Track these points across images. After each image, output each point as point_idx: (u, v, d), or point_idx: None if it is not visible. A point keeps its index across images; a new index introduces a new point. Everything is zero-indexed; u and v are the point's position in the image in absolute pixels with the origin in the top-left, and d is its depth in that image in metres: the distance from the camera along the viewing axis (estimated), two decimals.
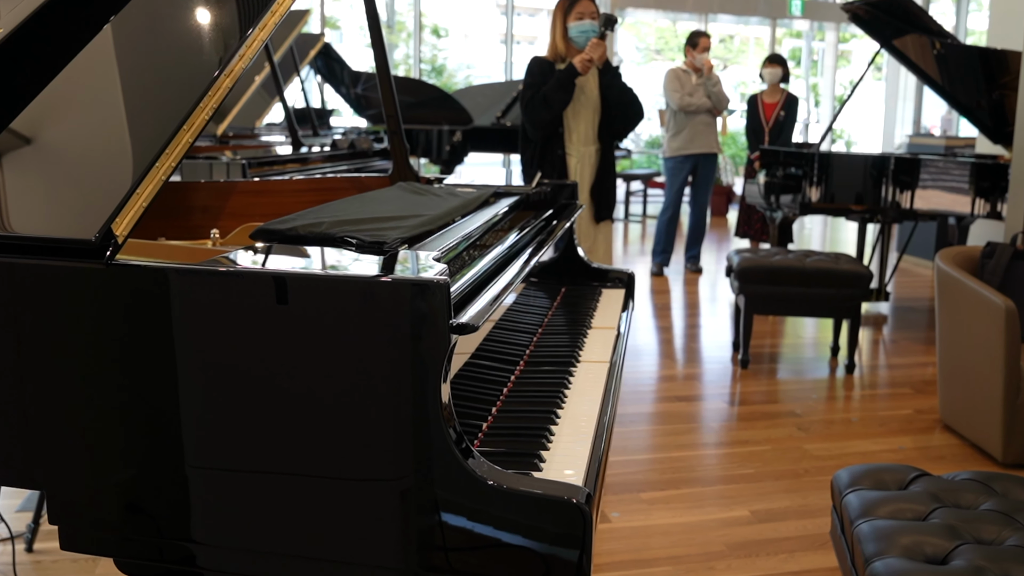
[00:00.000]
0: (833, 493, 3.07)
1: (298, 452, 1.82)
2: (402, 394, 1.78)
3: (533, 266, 2.69)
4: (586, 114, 6.08)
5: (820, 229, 14.52)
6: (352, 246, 2.16)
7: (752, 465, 4.82)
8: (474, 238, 2.60)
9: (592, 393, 2.55)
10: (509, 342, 2.75)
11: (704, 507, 4.31)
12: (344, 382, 1.79)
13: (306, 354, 1.79)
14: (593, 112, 6.10)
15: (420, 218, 2.54)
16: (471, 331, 1.86)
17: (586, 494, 1.79)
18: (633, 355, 6.85)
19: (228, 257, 1.98)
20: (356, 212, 2.54)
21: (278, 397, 1.81)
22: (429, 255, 2.07)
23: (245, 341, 1.82)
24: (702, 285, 9.62)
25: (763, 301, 6.50)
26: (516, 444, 2.15)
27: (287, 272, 1.83)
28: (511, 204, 3.23)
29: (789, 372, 6.63)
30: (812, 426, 5.42)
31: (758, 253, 6.75)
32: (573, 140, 6.10)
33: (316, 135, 9.53)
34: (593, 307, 3.49)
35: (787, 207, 7.98)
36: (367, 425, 1.79)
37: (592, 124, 6.11)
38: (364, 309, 1.78)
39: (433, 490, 1.80)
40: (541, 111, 5.93)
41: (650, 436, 5.25)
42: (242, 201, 3.32)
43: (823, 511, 4.28)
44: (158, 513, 1.92)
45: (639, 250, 11.95)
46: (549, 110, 5.91)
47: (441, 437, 1.79)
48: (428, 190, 3.22)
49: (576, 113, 6.07)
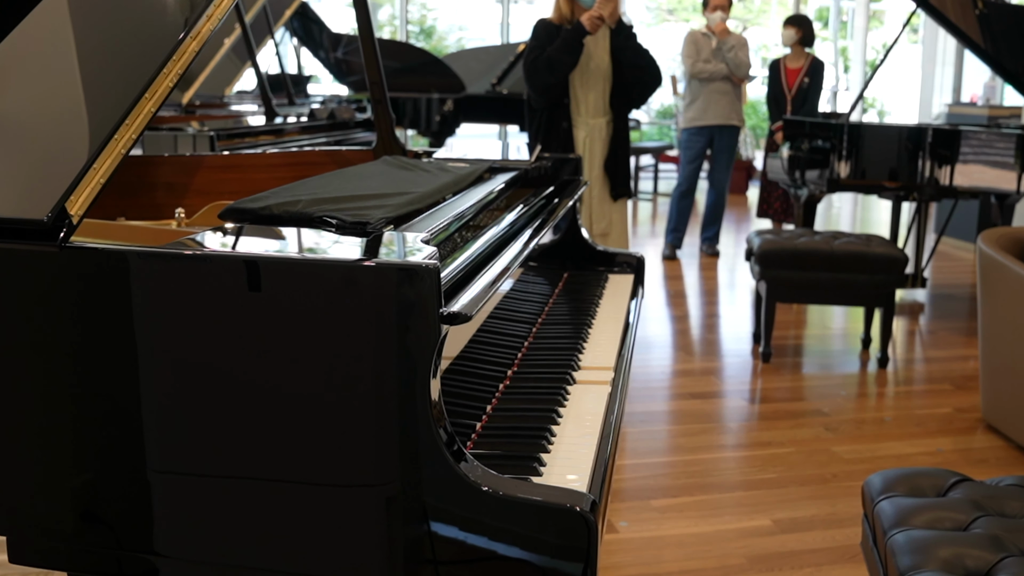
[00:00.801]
0: (864, 500, 3.07)
1: (272, 455, 1.82)
2: (387, 391, 1.78)
3: (532, 249, 2.68)
4: (596, 83, 6.07)
5: (850, 208, 14.52)
6: (332, 227, 2.16)
7: (775, 469, 4.82)
8: (467, 218, 2.60)
9: (598, 390, 2.55)
10: (506, 333, 2.75)
11: (722, 516, 4.32)
12: (323, 378, 1.79)
13: (281, 347, 1.79)
14: (604, 80, 6.09)
15: (407, 196, 2.53)
16: (463, 321, 1.86)
17: (591, 501, 1.79)
18: (643, 348, 6.85)
19: (194, 239, 1.97)
20: (336, 189, 2.53)
21: (250, 394, 1.81)
22: (417, 237, 2.07)
23: (213, 332, 1.81)
24: (719, 270, 9.63)
25: (787, 288, 6.49)
26: (513, 446, 2.15)
27: (260, 256, 1.83)
28: (508, 181, 3.23)
29: (815, 366, 6.64)
30: (841, 426, 5.43)
31: (781, 235, 6.75)
32: (581, 112, 6.09)
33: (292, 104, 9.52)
34: (599, 294, 3.48)
35: (813, 184, 7.98)
36: (348, 425, 1.79)
37: (603, 93, 6.10)
38: (345, 297, 1.77)
39: (421, 497, 1.80)
40: (545, 74, 5.92)
41: (662, 437, 5.25)
42: (210, 177, 3.31)
43: (853, 520, 4.28)
44: (117, 522, 1.92)
45: (649, 231, 11.95)
46: (553, 73, 5.90)
47: (430, 438, 1.79)
48: (416, 165, 3.21)
49: (584, 82, 6.05)
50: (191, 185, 3.29)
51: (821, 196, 8.16)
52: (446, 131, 11.70)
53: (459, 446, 1.84)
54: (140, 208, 3.14)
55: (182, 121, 7.07)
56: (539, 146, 3.82)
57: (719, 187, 9.94)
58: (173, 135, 5.82)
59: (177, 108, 8.38)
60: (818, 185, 7.92)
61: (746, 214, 13.07)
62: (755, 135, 16.66)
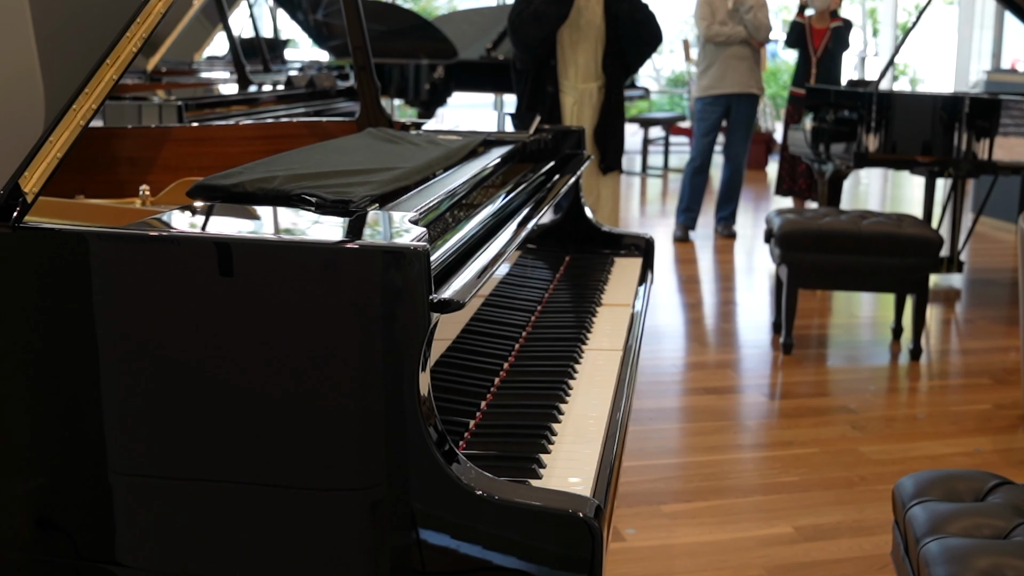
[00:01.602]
0: (895, 505, 3.08)
1: (245, 456, 1.82)
2: (372, 385, 1.78)
3: (531, 230, 2.68)
4: (587, 44, 6.05)
5: (879, 185, 14.53)
6: (311, 205, 2.16)
7: (796, 472, 4.83)
8: (459, 196, 2.60)
9: (602, 384, 2.55)
10: (502, 322, 2.75)
11: (739, 522, 4.33)
12: (302, 371, 1.79)
13: (256, 337, 1.79)
14: (595, 41, 6.07)
15: (393, 172, 2.53)
16: (456, 309, 1.86)
17: (595, 506, 1.79)
18: (652, 338, 6.86)
19: (161, 219, 1.97)
20: (316, 164, 2.53)
21: (221, 390, 1.81)
22: (404, 216, 2.07)
23: (181, 322, 1.81)
24: (736, 253, 9.63)
25: (810, 272, 6.50)
26: (510, 446, 2.15)
27: (232, 237, 1.83)
28: (504, 155, 3.23)
29: (841, 358, 6.64)
30: (869, 424, 5.43)
31: (804, 214, 6.75)
32: (570, 75, 6.07)
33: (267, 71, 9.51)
34: (604, 280, 3.49)
35: (839, 158, 7.98)
36: (329, 423, 1.79)
37: (595, 55, 6.08)
38: (325, 282, 1.77)
39: (409, 502, 1.80)
40: (530, 27, 5.87)
41: (673, 436, 5.26)
42: (178, 151, 3.31)
43: (883, 527, 4.29)
44: (75, 529, 1.92)
45: (659, 210, 11.95)
46: (540, 26, 5.86)
47: (419, 437, 1.79)
48: (403, 138, 3.21)
49: (575, 43, 6.03)
50: (157, 160, 3.28)
51: (847, 172, 8.16)
52: (436, 100, 11.69)
53: (451, 446, 1.84)
54: (101, 185, 3.14)
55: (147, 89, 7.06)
56: (538, 116, 3.82)
57: (736, 162, 9.94)
58: (137, 105, 5.82)
59: (141, 75, 8.37)
60: (844, 160, 7.92)
61: (765, 192, 13.08)
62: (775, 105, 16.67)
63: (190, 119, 5.74)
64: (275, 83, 8.25)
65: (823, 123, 8.07)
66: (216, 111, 6.28)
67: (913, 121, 7.71)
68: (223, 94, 7.00)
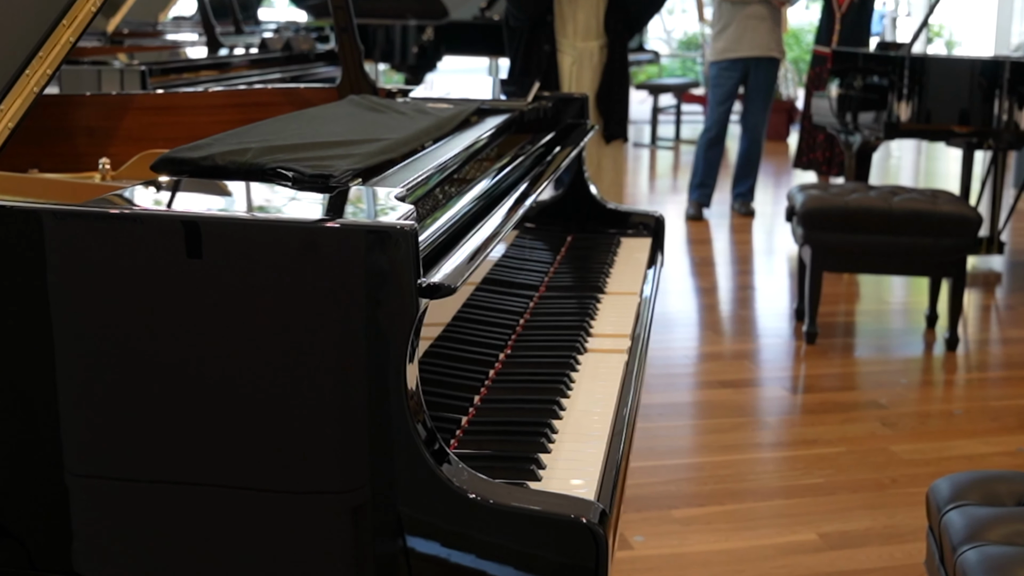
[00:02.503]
0: (929, 510, 3.08)
1: (215, 456, 1.82)
2: (354, 378, 1.78)
3: (529, 207, 2.68)
4: None
5: (912, 158, 14.54)
6: (287, 180, 2.16)
7: (821, 473, 4.84)
8: (450, 170, 2.60)
9: (607, 377, 2.56)
10: (497, 309, 2.75)
11: (757, 528, 4.33)
12: (277, 362, 1.79)
13: (226, 325, 1.79)
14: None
15: (378, 143, 2.53)
16: (446, 294, 1.86)
17: (600, 511, 1.79)
18: (663, 326, 6.86)
19: (122, 195, 1.97)
20: (293, 135, 2.53)
21: (188, 383, 1.81)
22: (390, 193, 2.07)
23: (145, 308, 1.81)
24: (755, 232, 9.64)
25: (836, 254, 6.50)
26: (506, 445, 2.15)
27: (201, 215, 1.82)
28: (500, 125, 3.23)
29: (870, 349, 6.65)
30: (901, 421, 5.44)
31: (829, 190, 6.75)
32: (568, 33, 6.05)
33: (240, 33, 9.51)
34: (609, 262, 3.49)
35: (867, 129, 7.98)
36: (307, 420, 1.79)
37: (595, 11, 6.07)
38: (303, 265, 1.77)
39: (396, 507, 1.80)
40: None
41: (685, 434, 5.27)
42: (141, 121, 3.31)
43: (916, 534, 4.30)
44: (28, 537, 1.92)
45: (670, 186, 11.96)
46: None
47: (406, 435, 1.79)
48: (389, 106, 3.21)
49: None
50: (118, 130, 3.28)
51: (877, 143, 8.16)
52: (425, 65, 11.68)
53: (441, 445, 1.84)
54: (56, 158, 3.13)
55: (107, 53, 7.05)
56: (537, 83, 3.82)
57: (754, 133, 9.93)
58: (96, 70, 5.82)
59: (101, 37, 8.36)
60: (873, 130, 7.92)
61: (786, 165, 13.08)
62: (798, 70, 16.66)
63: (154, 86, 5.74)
64: (248, 46, 8.24)
65: (850, 90, 8.07)
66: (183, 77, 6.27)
67: (949, 88, 7.71)
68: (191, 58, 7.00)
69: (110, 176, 2.76)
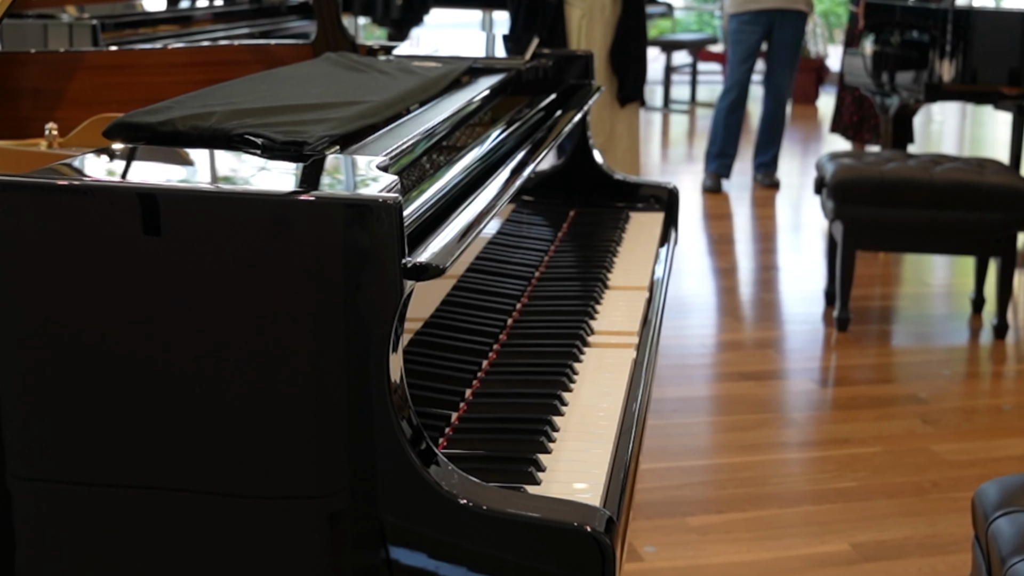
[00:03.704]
0: (975, 517, 3.09)
1: (176, 458, 1.82)
2: (330, 370, 1.78)
3: (527, 178, 2.68)
4: None
5: (956, 123, 14.54)
6: (256, 148, 2.15)
7: (854, 475, 4.84)
8: (439, 137, 2.60)
9: (615, 369, 2.56)
10: (491, 292, 2.75)
11: (783, 538, 4.34)
12: (244, 353, 1.79)
13: (187, 311, 1.79)
14: None
15: (358, 107, 2.53)
16: (434, 276, 1.86)
17: (606, 519, 1.80)
18: (677, 311, 6.86)
19: (71, 164, 1.97)
20: (262, 98, 2.53)
21: (145, 376, 1.81)
22: (371, 162, 2.07)
23: (96, 291, 1.81)
24: (780, 207, 9.64)
25: (870, 231, 6.49)
26: (501, 444, 2.15)
27: (159, 188, 1.82)
28: (494, 86, 3.23)
29: (909, 336, 6.66)
30: (944, 418, 5.44)
31: (863, 159, 6.75)
32: None
33: None
34: (617, 239, 3.49)
35: (906, 90, 7.98)
36: (279, 417, 1.79)
37: None
38: (274, 242, 1.77)
39: (377, 513, 1.80)
40: None
41: (702, 432, 5.27)
42: (92, 81, 3.31)
43: (960, 544, 4.30)
44: None
45: (685, 154, 11.96)
46: None
47: (389, 434, 1.79)
48: (370, 65, 3.21)
49: None
50: (67, 92, 3.28)
51: (917, 106, 8.16)
52: (411, 19, 11.67)
53: (428, 444, 1.85)
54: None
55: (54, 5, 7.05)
56: (536, 38, 3.82)
57: (779, 94, 9.91)
58: (42, 24, 5.82)
59: None
60: (913, 92, 7.92)
61: (816, 131, 13.08)
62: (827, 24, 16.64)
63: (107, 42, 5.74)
64: None
65: (886, 46, 8.07)
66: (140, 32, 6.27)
67: (998, 44, 7.70)
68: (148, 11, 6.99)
69: (58, 143, 2.76)
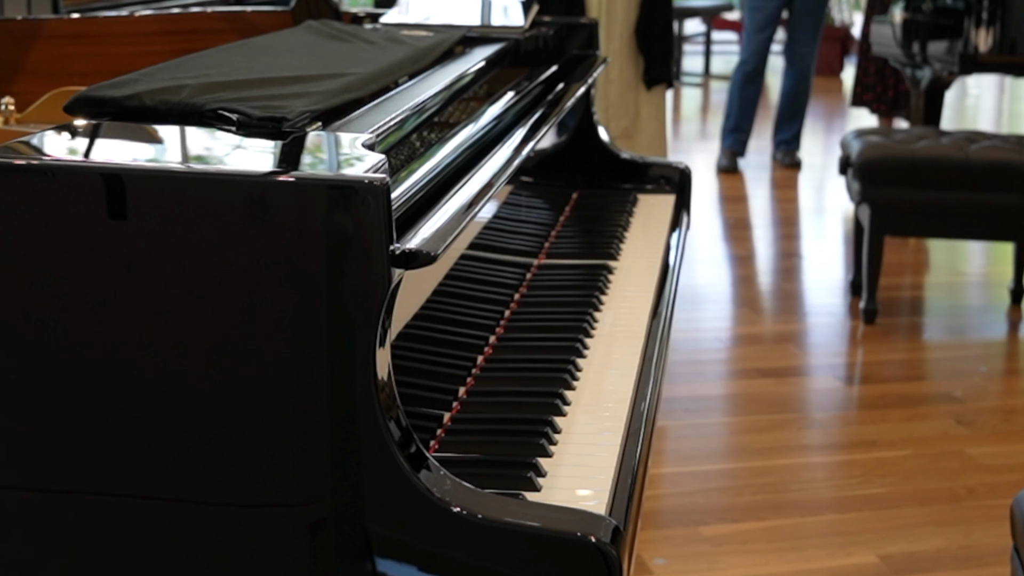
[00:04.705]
0: (1014, 527, 3.09)
1: (142, 461, 1.82)
2: (312, 366, 1.78)
3: (526, 157, 2.68)
4: None
5: (993, 97, 14.53)
6: (231, 124, 2.15)
7: (883, 481, 4.84)
8: (430, 112, 2.60)
9: (622, 365, 2.56)
10: (487, 281, 2.76)
11: (805, 549, 4.34)
12: (218, 348, 1.79)
13: (155, 302, 1.79)
14: None
15: (342, 79, 2.53)
16: (425, 263, 1.86)
17: (612, 528, 1.80)
18: (689, 302, 6.85)
19: (29, 142, 1.97)
20: (238, 70, 2.53)
21: (109, 372, 1.81)
22: (356, 139, 2.07)
23: (56, 280, 1.81)
24: (801, 188, 9.64)
25: (900, 215, 6.49)
26: (498, 447, 2.15)
27: (125, 168, 1.82)
28: (490, 57, 3.23)
29: (942, 330, 6.66)
30: (980, 418, 5.44)
31: (891, 136, 6.75)
32: None
33: None
34: (624, 224, 3.49)
35: (939, 62, 7.97)
36: (256, 418, 1.79)
37: None
38: (249, 227, 1.77)
39: (363, 522, 1.80)
40: None
41: (717, 434, 5.28)
42: (52, 51, 3.31)
43: (997, 556, 4.30)
44: None
45: (698, 131, 11.96)
46: None
47: (376, 436, 1.79)
48: (355, 34, 3.21)
49: None
50: (24, 63, 3.28)
51: (950, 80, 8.16)
52: None
53: (419, 447, 1.85)
54: None
55: None
56: (535, 5, 3.81)
57: (801, 66, 9.89)
58: None
59: None
60: (946, 64, 7.92)
61: (840, 105, 13.07)
62: None
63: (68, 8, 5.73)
64: None
65: (918, 14, 8.06)
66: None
67: None
68: None
69: (15, 119, 2.76)
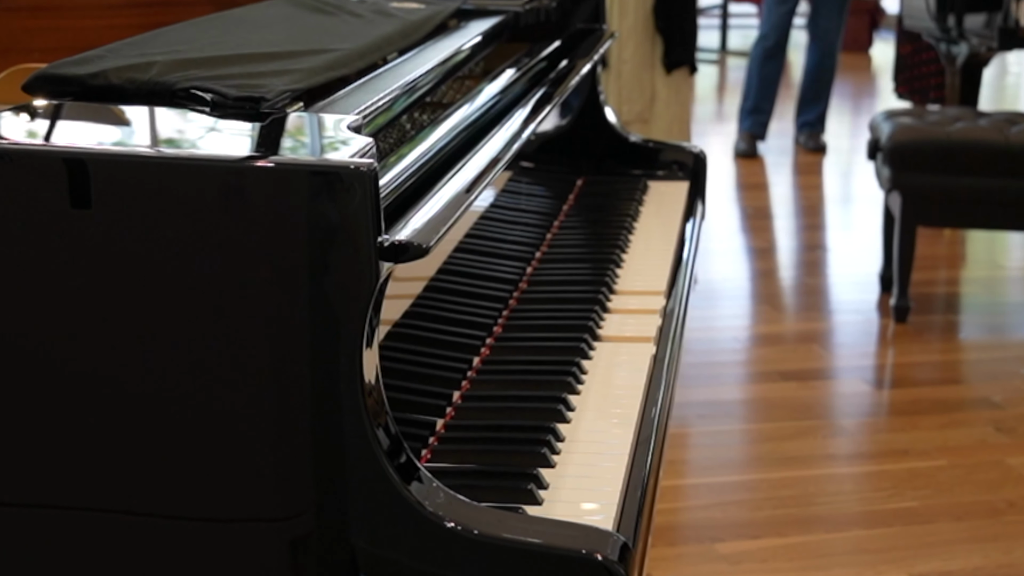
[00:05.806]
0: None
1: (113, 472, 1.82)
2: (293, 369, 1.79)
3: (526, 141, 2.68)
4: None
5: None
6: (206, 105, 2.15)
7: (915, 494, 4.85)
8: (422, 91, 2.60)
9: (631, 367, 2.56)
10: (483, 276, 2.76)
11: (831, 568, 4.34)
12: (192, 350, 1.79)
13: (123, 298, 1.79)
14: None
15: (325, 56, 2.53)
16: (416, 256, 1.86)
17: (620, 545, 1.80)
18: (705, 299, 6.86)
19: None
20: (213, 46, 2.53)
21: (74, 376, 1.81)
22: (341, 121, 2.07)
23: (14, 275, 1.81)
24: (826, 174, 9.64)
25: (934, 203, 6.49)
26: (496, 457, 2.16)
27: (90, 152, 1.82)
28: (487, 31, 3.23)
29: (980, 329, 6.66)
30: (1021, 425, 5.44)
31: (925, 118, 6.75)
32: None
33: None
34: (633, 213, 3.49)
35: (976, 36, 7.98)
36: (233, 426, 1.79)
37: None
38: (225, 217, 1.77)
39: (348, 539, 1.80)
40: None
41: (735, 442, 5.28)
42: (10, 25, 3.31)
43: None
44: None
45: (714, 113, 11.97)
46: None
47: (363, 444, 1.79)
48: (340, 6, 3.21)
49: None
50: None
51: (989, 56, 8.16)
52: None
53: (409, 457, 1.85)
54: None
55: None
56: None
57: (826, 42, 9.89)
58: None
59: None
60: (984, 39, 7.92)
61: (869, 84, 13.08)
62: None
63: None
64: None
65: None
66: None
67: None
68: None
69: None
